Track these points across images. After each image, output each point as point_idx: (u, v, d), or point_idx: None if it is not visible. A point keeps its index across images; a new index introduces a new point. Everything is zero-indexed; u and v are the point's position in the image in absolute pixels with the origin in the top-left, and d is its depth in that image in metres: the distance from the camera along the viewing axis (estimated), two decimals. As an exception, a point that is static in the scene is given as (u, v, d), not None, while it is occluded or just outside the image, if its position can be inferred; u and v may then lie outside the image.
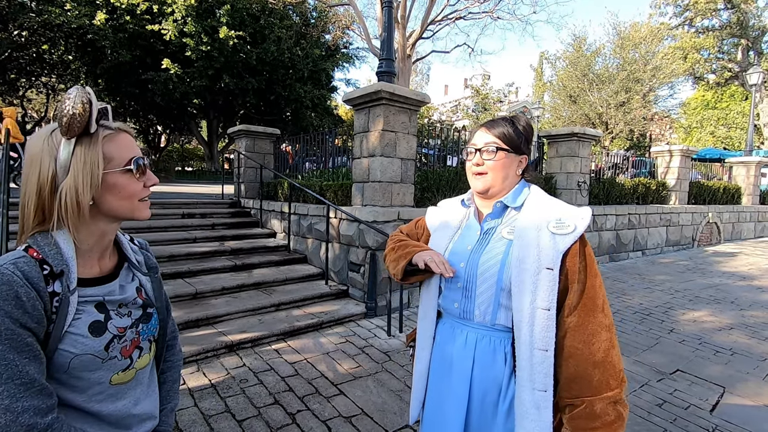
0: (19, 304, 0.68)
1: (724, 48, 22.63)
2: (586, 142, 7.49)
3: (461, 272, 1.10)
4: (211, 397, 2.68)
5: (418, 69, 35.04)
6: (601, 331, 0.95)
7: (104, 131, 0.78)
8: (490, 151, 1.09)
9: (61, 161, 0.74)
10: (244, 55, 15.87)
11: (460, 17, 15.25)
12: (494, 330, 1.06)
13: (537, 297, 0.95)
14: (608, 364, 0.94)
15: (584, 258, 0.99)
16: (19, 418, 0.65)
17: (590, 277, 0.98)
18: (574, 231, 0.98)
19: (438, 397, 1.15)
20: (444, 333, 1.16)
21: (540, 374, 0.95)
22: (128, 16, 14.54)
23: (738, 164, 12.19)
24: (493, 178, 1.10)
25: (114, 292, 0.83)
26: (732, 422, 2.57)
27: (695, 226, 10.13)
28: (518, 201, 1.10)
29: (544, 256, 0.96)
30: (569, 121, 20.05)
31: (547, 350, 0.95)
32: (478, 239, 1.12)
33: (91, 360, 0.76)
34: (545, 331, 0.95)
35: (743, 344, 3.86)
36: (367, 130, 4.79)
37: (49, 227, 0.75)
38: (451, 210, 1.26)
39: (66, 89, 19.50)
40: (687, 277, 6.70)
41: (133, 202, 0.81)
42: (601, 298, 0.98)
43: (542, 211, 1.04)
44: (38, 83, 20.03)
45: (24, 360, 0.67)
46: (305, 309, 4.27)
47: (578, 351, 0.95)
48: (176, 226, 5.84)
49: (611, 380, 0.94)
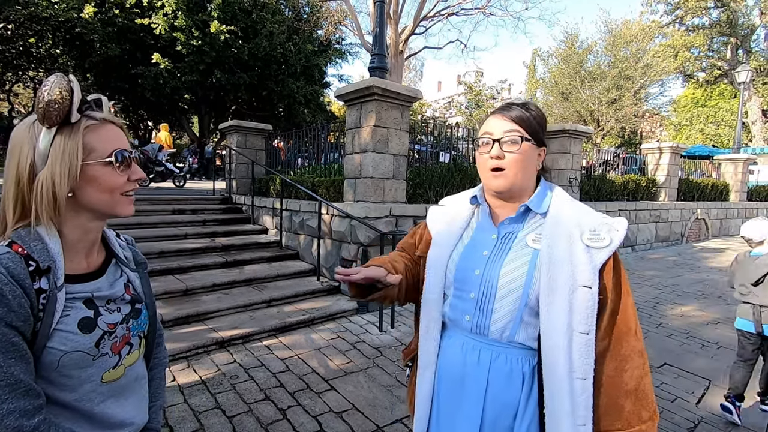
0: (4, 302, 0.65)
1: (714, 46, 22.87)
2: (578, 139, 7.54)
3: (476, 281, 0.96)
4: (201, 393, 2.67)
5: (411, 65, 35.02)
6: (634, 356, 0.87)
7: (87, 121, 0.75)
8: (514, 141, 0.94)
9: (39, 150, 0.72)
10: (236, 50, 15.69)
11: (453, 13, 15.22)
12: (511, 347, 0.94)
13: (574, 319, 0.85)
14: (641, 393, 0.86)
15: (618, 274, 0.89)
16: (4, 420, 0.64)
17: (623, 295, 0.88)
18: (610, 245, 0.87)
19: (447, 421, 1.02)
20: (452, 349, 1.02)
21: (581, 407, 0.85)
22: (117, 10, 14.29)
23: (726, 161, 12.36)
24: (514, 175, 0.95)
25: (102, 288, 0.81)
26: (717, 414, 2.62)
27: (684, 223, 10.26)
28: (544, 206, 0.97)
29: (580, 273, 0.86)
30: (561, 118, 20.16)
31: (587, 379, 0.85)
32: (495, 245, 0.98)
33: (82, 357, 0.74)
34: (584, 358, 0.85)
35: (729, 338, 3.92)
36: (359, 126, 4.78)
37: (30, 221, 0.73)
38: (456, 207, 1.12)
39: (54, 84, 19.18)
40: (675, 273, 6.79)
41: (114, 196, 0.78)
42: (634, 319, 0.89)
43: (572, 218, 0.92)
44: (25, 77, 19.64)
45: (9, 360, 0.65)
46: (297, 305, 4.26)
47: (609, 379, 0.86)
48: (166, 222, 5.79)
49: (643, 411, 0.85)
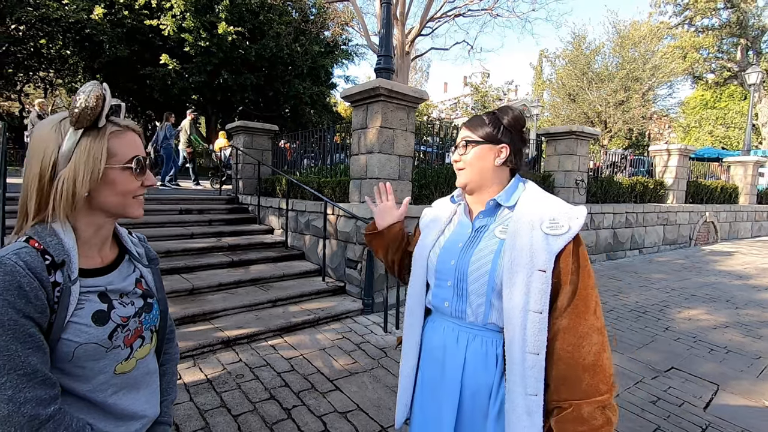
0: (22, 294, 0.68)
1: (724, 47, 22.65)
2: (585, 141, 7.50)
3: (451, 270, 1.08)
4: (207, 392, 2.68)
5: (418, 66, 34.99)
6: (592, 333, 0.93)
7: (112, 127, 0.79)
8: (462, 146, 1.11)
9: (63, 150, 0.75)
10: (243, 51, 15.80)
11: (460, 14, 15.21)
12: (486, 330, 1.04)
13: (530, 300, 0.93)
14: (598, 368, 0.92)
15: (578, 258, 0.96)
16: (21, 408, 0.66)
17: (583, 278, 0.96)
18: (568, 231, 0.95)
19: (430, 398, 1.13)
20: (435, 332, 1.14)
21: (532, 378, 0.93)
22: (126, 11, 14.46)
23: (736, 164, 12.21)
24: (469, 173, 1.10)
25: (114, 282, 0.84)
26: (725, 419, 2.59)
27: (692, 225, 10.16)
28: (512, 199, 1.07)
29: (537, 258, 0.94)
30: (568, 119, 20.06)
31: (539, 354, 0.93)
32: (469, 237, 1.10)
33: (96, 349, 0.76)
34: (537, 335, 0.93)
35: (738, 342, 3.88)
36: (365, 127, 4.79)
37: (47, 216, 0.76)
38: (441, 207, 1.25)
39: (63, 84, 19.42)
40: (683, 276, 6.72)
41: (126, 199, 0.82)
42: (593, 299, 0.95)
43: (536, 209, 1.01)
44: (36, 78, 19.90)
45: (27, 351, 0.67)
46: (302, 305, 4.27)
47: (568, 354, 0.93)
48: (173, 222, 5.83)
49: (601, 384, 0.92)
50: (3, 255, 0.70)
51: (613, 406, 0.93)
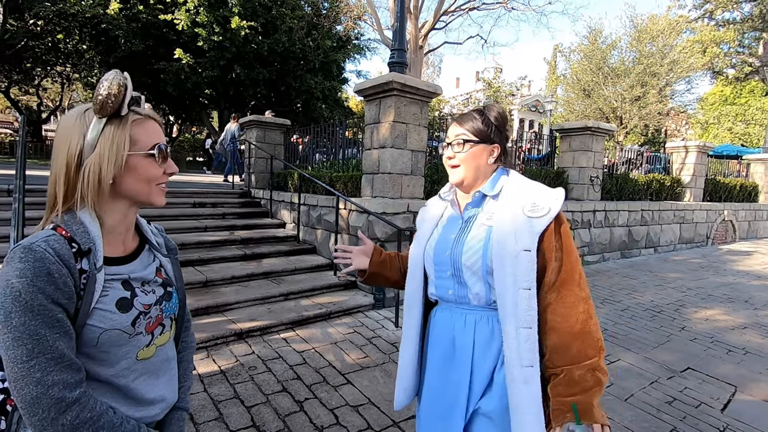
0: (51, 280, 0.70)
1: (745, 42, 22.04)
2: (600, 137, 7.37)
3: (447, 260, 1.14)
4: (221, 383, 2.72)
5: (430, 61, 34.74)
6: (578, 303, 1.01)
7: (134, 115, 0.81)
8: (459, 143, 1.14)
9: (89, 139, 0.77)
10: (256, 45, 15.85)
11: (474, 8, 15.04)
12: (491, 309, 1.10)
13: (518, 278, 1.00)
14: (586, 334, 0.99)
15: (560, 237, 1.04)
16: (49, 391, 0.68)
17: (566, 254, 1.03)
18: (548, 213, 1.02)
19: (440, 380, 1.18)
20: (443, 319, 1.19)
21: (526, 351, 0.99)
22: (141, 6, 14.60)
23: (756, 161, 11.92)
24: (465, 170, 1.14)
25: (136, 270, 0.86)
26: (743, 421, 2.53)
27: (710, 224, 9.95)
28: (495, 189, 1.13)
29: (521, 239, 1.01)
30: (582, 115, 19.75)
31: (531, 327, 1.00)
32: (460, 228, 1.16)
33: (119, 335, 0.79)
34: (528, 310, 1.00)
35: (756, 344, 3.80)
36: (377, 122, 4.77)
37: (74, 205, 0.78)
38: (433, 205, 1.31)
39: (80, 78, 19.72)
40: (700, 275, 6.59)
41: (150, 186, 0.84)
42: (577, 272, 1.03)
43: (518, 196, 1.08)
44: (53, 72, 20.22)
45: (55, 335, 0.69)
46: (314, 299, 4.30)
47: (558, 324, 1.00)
48: (187, 215, 5.90)
49: (589, 349, 0.99)
50: (33, 242, 0.71)
51: (603, 368, 0.99)
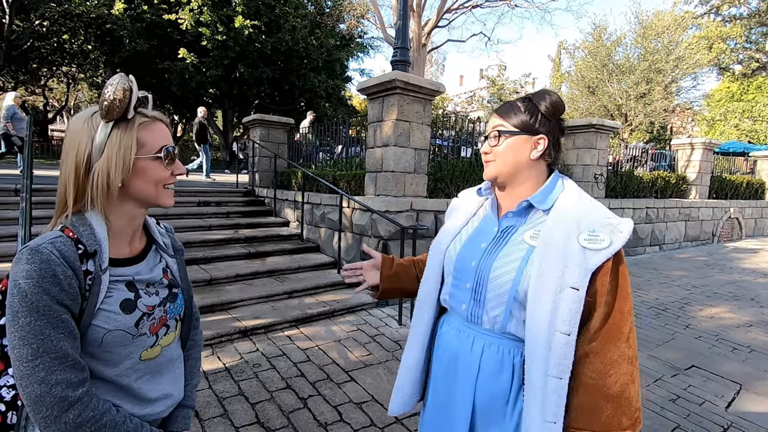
0: (57, 281, 0.71)
1: (752, 37, 21.81)
2: (604, 134, 7.34)
3: (471, 271, 1.00)
4: (225, 380, 2.74)
5: (433, 59, 34.67)
6: (622, 362, 0.85)
7: (141, 118, 0.82)
8: (494, 136, 0.99)
9: (97, 143, 0.78)
10: (259, 44, 15.87)
11: (477, 5, 14.99)
12: (503, 338, 0.96)
13: (557, 319, 0.84)
14: (624, 399, 0.84)
15: (616, 277, 0.87)
16: (52, 389, 0.69)
17: (620, 300, 0.86)
18: (609, 247, 0.84)
19: (443, 403, 1.07)
20: (449, 335, 1.07)
21: (552, 404, 0.85)
22: (145, 6, 14.66)
23: (763, 158, 11.82)
24: (500, 164, 0.99)
25: (142, 272, 0.87)
26: (748, 420, 2.53)
27: (715, 222, 9.88)
28: (548, 202, 0.95)
29: (569, 273, 0.84)
30: (587, 112, 19.63)
31: (562, 378, 0.85)
32: (494, 238, 1.00)
33: (123, 336, 0.80)
34: (563, 359, 0.84)
35: (762, 342, 3.78)
36: (380, 120, 4.77)
37: (82, 208, 0.79)
38: (466, 199, 1.16)
39: (85, 78, 19.83)
40: (705, 273, 6.56)
41: (158, 188, 0.85)
42: (627, 325, 0.87)
43: (573, 217, 0.89)
44: (59, 72, 20.35)
45: (59, 335, 0.71)
46: (317, 297, 4.31)
47: (592, 381, 0.85)
48: (192, 214, 5.93)
49: (624, 418, 0.84)
50: (39, 244, 0.73)
51: None
